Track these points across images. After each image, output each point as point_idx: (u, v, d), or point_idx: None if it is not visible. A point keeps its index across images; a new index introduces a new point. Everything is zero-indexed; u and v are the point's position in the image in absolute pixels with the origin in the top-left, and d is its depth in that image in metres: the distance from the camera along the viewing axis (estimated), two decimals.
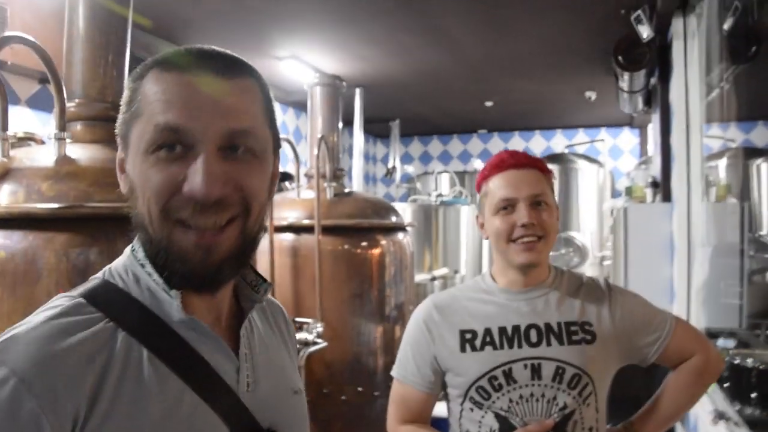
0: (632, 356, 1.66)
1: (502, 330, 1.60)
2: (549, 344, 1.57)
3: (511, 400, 1.55)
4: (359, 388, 3.30)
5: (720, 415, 2.51)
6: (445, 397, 1.70)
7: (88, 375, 0.75)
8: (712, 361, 1.69)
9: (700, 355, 1.67)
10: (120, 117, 0.88)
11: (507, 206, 1.58)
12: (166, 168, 0.81)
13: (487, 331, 1.60)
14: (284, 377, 1.04)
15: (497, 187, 1.61)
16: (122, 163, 0.89)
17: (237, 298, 1.00)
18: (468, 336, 1.61)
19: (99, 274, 0.90)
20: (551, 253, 1.71)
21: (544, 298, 1.64)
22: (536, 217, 1.56)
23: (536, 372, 1.55)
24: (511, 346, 1.57)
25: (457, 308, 1.67)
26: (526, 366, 1.56)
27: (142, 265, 0.87)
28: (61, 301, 0.82)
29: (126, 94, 0.87)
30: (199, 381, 0.85)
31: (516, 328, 1.59)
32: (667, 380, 1.73)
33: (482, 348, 1.59)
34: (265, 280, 1.00)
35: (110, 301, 0.84)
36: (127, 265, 0.89)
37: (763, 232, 5.39)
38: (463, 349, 1.60)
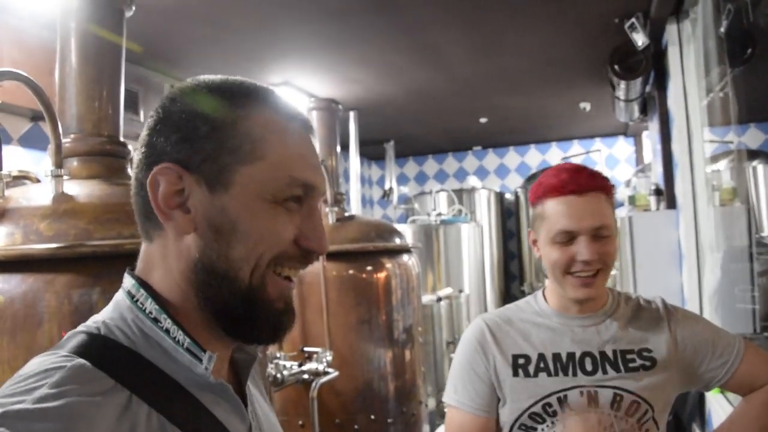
0: (695, 382, 1.56)
1: (557, 356, 1.51)
2: (605, 372, 1.49)
3: (565, 426, 1.47)
4: (372, 416, 3.21)
5: None
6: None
7: None
8: None
9: None
10: (190, 145, 0.79)
11: (567, 239, 1.47)
12: (292, 220, 0.81)
13: (541, 357, 1.52)
14: (276, 430, 1.00)
15: (556, 214, 1.48)
16: (177, 195, 0.79)
17: None
18: (521, 361, 1.53)
19: (83, 328, 0.78)
20: None
21: (601, 325, 1.55)
22: (597, 251, 1.45)
23: (593, 399, 1.47)
24: (566, 374, 1.49)
25: (509, 330, 1.58)
26: (582, 393, 1.48)
27: (155, 320, 0.78)
28: (53, 359, 0.70)
29: (211, 119, 0.79)
30: None
31: (571, 356, 1.51)
32: (735, 410, 1.61)
33: (536, 374, 1.51)
34: None
35: (119, 363, 0.74)
36: (130, 318, 0.79)
37: (765, 234, 5.37)
38: (515, 374, 1.52)
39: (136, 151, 0.85)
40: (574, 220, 1.45)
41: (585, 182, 1.49)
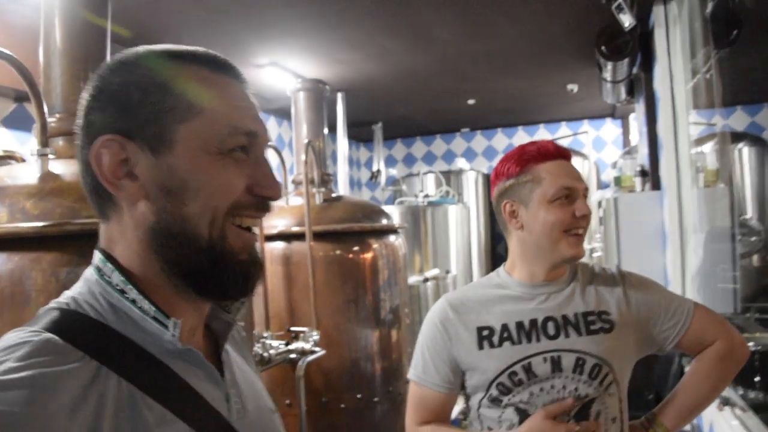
0: (651, 343, 1.63)
1: (519, 324, 1.57)
2: (567, 336, 1.54)
3: (531, 393, 1.53)
4: (358, 395, 3.25)
5: (725, 401, 2.50)
6: (463, 394, 1.67)
7: (73, 428, 0.66)
8: (736, 347, 1.64)
9: (722, 341, 1.63)
10: (127, 113, 0.79)
11: (567, 195, 1.54)
12: (242, 169, 0.82)
13: (504, 327, 1.57)
14: (261, 398, 1.00)
15: (555, 174, 1.55)
16: (123, 165, 0.79)
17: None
18: (485, 333, 1.58)
19: (54, 304, 0.79)
20: None
21: (562, 291, 1.61)
22: (588, 211, 1.55)
23: (556, 364, 1.52)
24: (529, 340, 1.55)
25: (473, 306, 1.63)
26: (545, 359, 1.53)
27: (122, 291, 0.79)
28: (21, 335, 0.70)
29: (142, 84, 0.80)
30: (195, 417, 0.79)
31: (533, 322, 1.56)
32: (690, 369, 1.70)
33: (500, 344, 1.56)
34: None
35: (87, 335, 0.74)
36: (97, 291, 0.80)
37: (748, 216, 5.43)
38: (480, 347, 1.57)
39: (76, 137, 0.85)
40: (573, 178, 1.55)
41: (568, 153, 1.62)
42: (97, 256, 0.83)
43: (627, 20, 3.60)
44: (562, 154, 1.58)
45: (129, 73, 0.81)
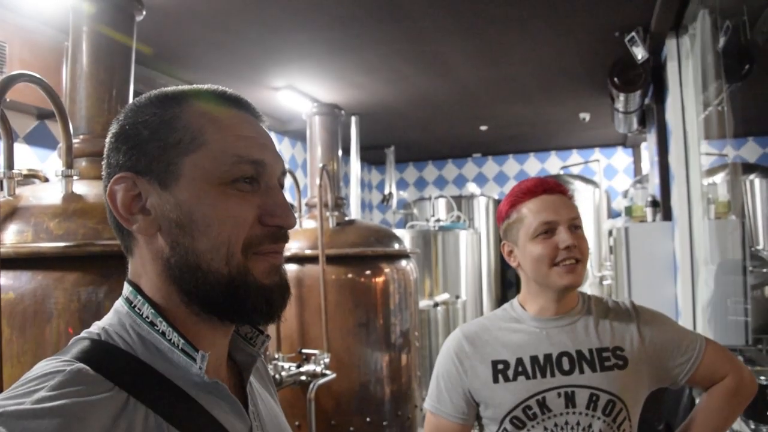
0: (663, 379, 1.64)
1: (534, 359, 1.58)
2: (582, 371, 1.55)
3: (545, 429, 1.53)
4: (367, 419, 3.25)
5: None
6: (479, 426, 1.68)
7: None
8: (745, 383, 1.66)
9: (732, 377, 1.64)
10: (138, 151, 0.82)
11: (547, 230, 1.58)
12: (249, 199, 0.83)
13: (519, 361, 1.58)
14: (283, 430, 1.01)
15: (535, 211, 1.60)
16: (135, 200, 0.82)
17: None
18: (500, 366, 1.60)
19: (85, 334, 0.81)
20: None
21: (575, 325, 1.62)
22: (576, 240, 1.57)
23: (570, 400, 1.53)
24: (544, 375, 1.56)
25: (488, 338, 1.65)
26: (560, 394, 1.54)
27: (151, 324, 0.81)
28: (54, 364, 0.73)
29: (150, 122, 0.82)
30: None
31: (548, 357, 1.58)
32: (700, 403, 1.71)
33: (515, 378, 1.57)
34: (261, 332, 0.96)
35: (117, 366, 0.76)
36: (128, 323, 0.82)
37: (760, 247, 5.41)
38: (495, 380, 1.59)
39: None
40: (551, 212, 1.59)
41: (553, 185, 1.65)
42: (127, 288, 0.85)
43: (640, 53, 3.65)
44: (545, 189, 1.63)
45: (140, 114, 0.84)
